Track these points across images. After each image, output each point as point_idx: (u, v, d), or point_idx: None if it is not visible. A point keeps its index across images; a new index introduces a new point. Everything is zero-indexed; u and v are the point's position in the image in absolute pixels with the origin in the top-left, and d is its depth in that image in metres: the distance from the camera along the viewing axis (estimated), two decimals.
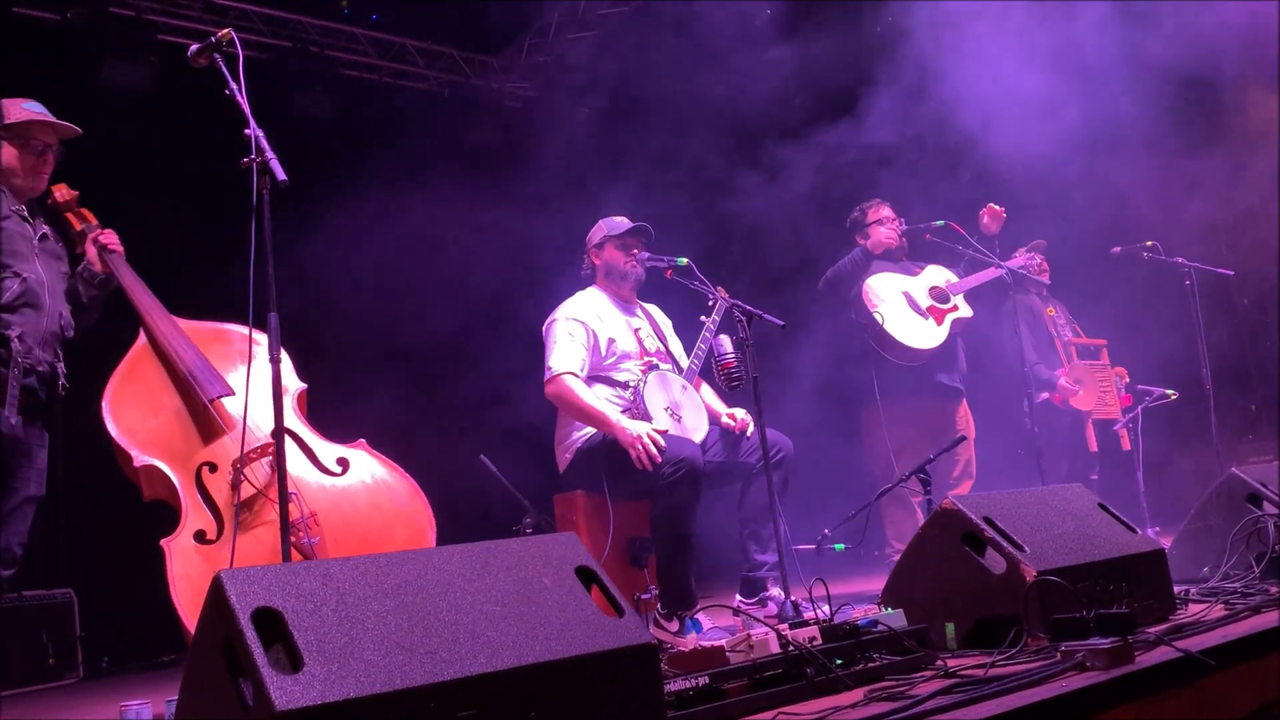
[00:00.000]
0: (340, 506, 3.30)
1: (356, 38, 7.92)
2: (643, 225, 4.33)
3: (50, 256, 3.45)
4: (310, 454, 3.39)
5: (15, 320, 3.22)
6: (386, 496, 3.36)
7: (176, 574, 3.05)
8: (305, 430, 3.45)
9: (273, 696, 1.46)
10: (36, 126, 3.38)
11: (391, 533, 3.28)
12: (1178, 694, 2.12)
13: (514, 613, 1.79)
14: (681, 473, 3.77)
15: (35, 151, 3.39)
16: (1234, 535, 3.36)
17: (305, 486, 3.29)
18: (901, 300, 5.20)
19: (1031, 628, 2.42)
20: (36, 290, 3.28)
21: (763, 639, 2.25)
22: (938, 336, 5.18)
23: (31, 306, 3.26)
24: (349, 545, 3.21)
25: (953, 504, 2.69)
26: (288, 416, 3.25)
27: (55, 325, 3.35)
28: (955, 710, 1.89)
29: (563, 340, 4.13)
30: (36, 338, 3.26)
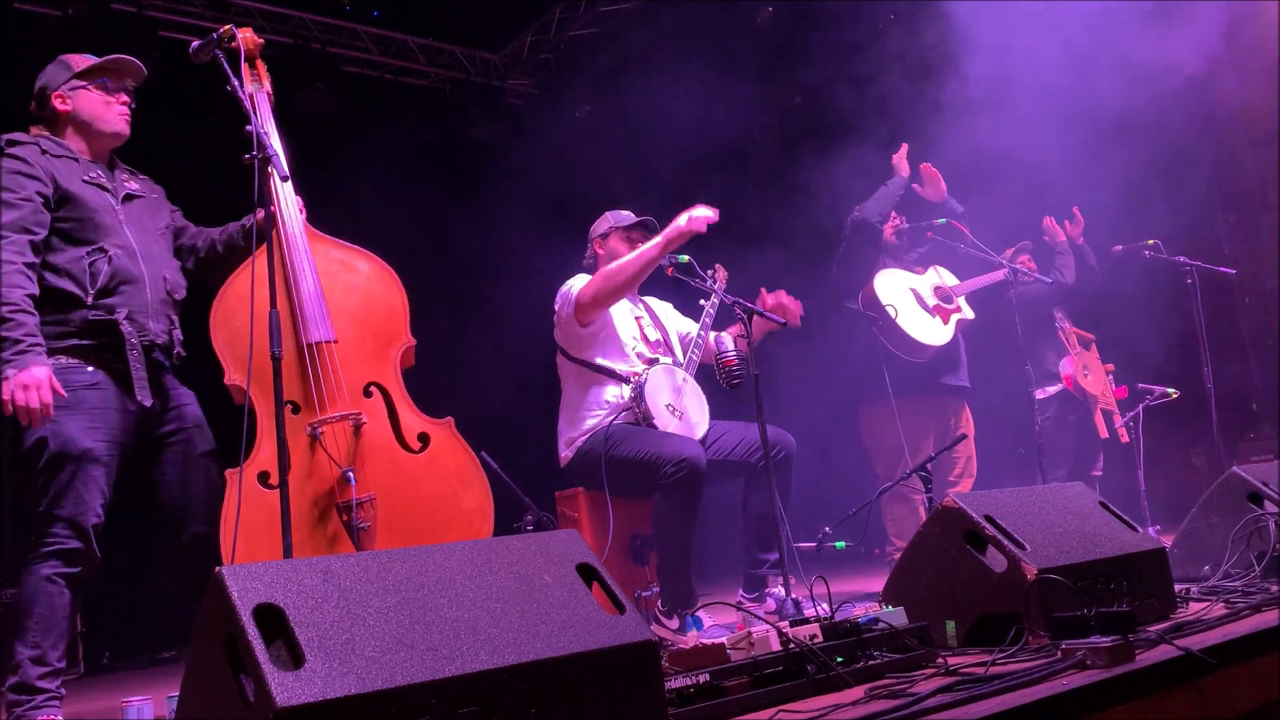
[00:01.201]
0: (405, 490, 3.11)
1: (358, 34, 7.92)
2: (648, 219, 4.34)
3: (140, 216, 3.19)
4: (395, 422, 3.18)
5: (117, 302, 3.02)
6: (453, 489, 3.16)
7: (231, 510, 2.90)
8: (398, 393, 3.22)
9: (274, 693, 1.46)
10: (119, 63, 3.21)
11: (446, 528, 3.09)
12: (1178, 693, 2.12)
13: (515, 609, 1.79)
14: (683, 472, 3.77)
15: (113, 91, 3.21)
16: (1235, 534, 3.36)
17: (376, 461, 3.09)
18: (910, 297, 5.21)
19: (1032, 626, 2.42)
20: (127, 264, 3.06)
21: (763, 636, 2.25)
22: (945, 334, 5.20)
23: (129, 282, 3.05)
24: (400, 534, 3.05)
25: (954, 502, 2.69)
26: (386, 369, 3.21)
27: (160, 292, 3.13)
28: (956, 708, 1.89)
29: (576, 282, 4.13)
30: (145, 311, 3.07)
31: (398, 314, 3.33)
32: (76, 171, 3.09)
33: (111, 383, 3.02)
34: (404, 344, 3.32)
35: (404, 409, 3.23)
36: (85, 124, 3.18)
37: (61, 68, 3.19)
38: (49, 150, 3.07)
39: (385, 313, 3.32)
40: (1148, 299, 6.40)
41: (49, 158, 3.05)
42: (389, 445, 3.18)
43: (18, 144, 3.05)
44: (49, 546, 2.87)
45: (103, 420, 2.97)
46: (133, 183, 3.28)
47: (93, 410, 2.95)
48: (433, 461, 3.18)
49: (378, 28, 8.01)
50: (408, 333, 3.33)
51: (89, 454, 2.92)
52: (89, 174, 3.12)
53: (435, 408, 3.58)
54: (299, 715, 1.46)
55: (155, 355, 3.11)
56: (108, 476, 2.97)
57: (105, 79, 3.19)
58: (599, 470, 3.95)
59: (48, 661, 2.83)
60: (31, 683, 2.80)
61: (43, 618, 2.83)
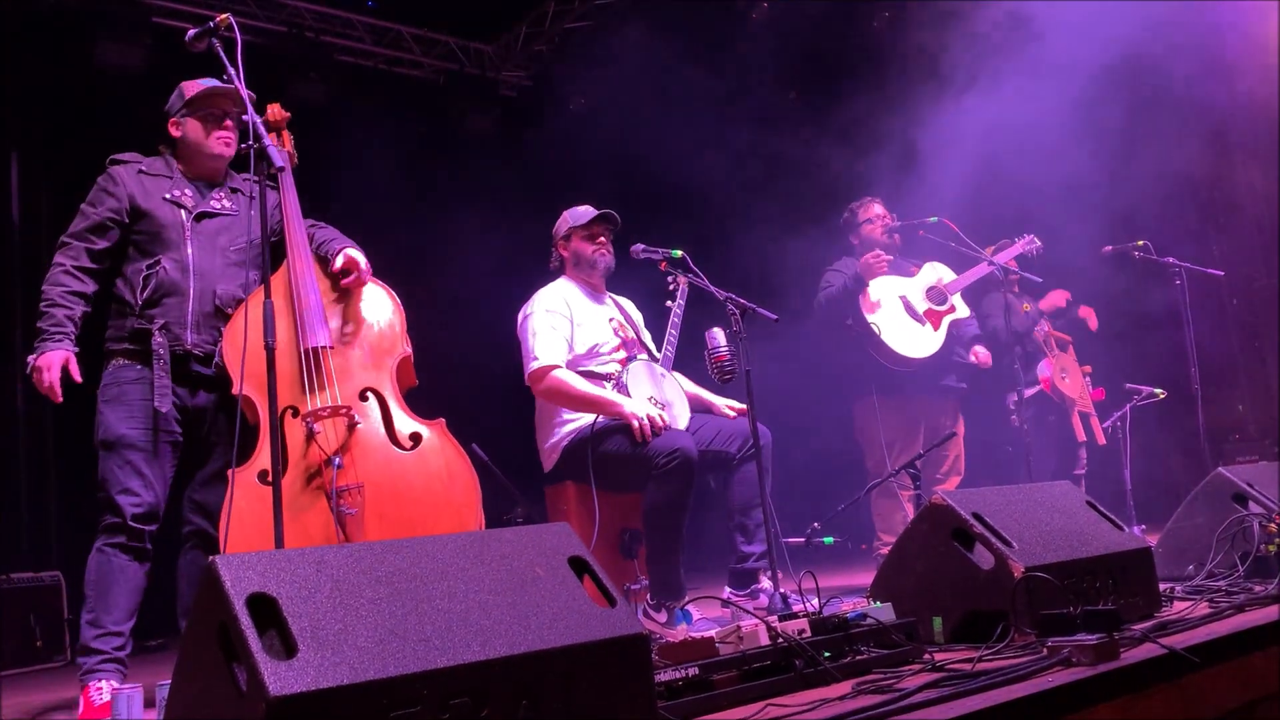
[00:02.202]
0: (395, 483, 3.27)
1: (352, 24, 7.89)
2: (608, 212, 4.31)
3: (214, 234, 3.45)
4: (389, 422, 3.37)
5: (157, 313, 3.30)
6: (442, 484, 3.32)
7: (232, 505, 3.08)
8: (393, 398, 3.42)
9: (267, 682, 1.47)
10: (213, 95, 3.45)
11: (435, 521, 3.23)
12: (1162, 690, 2.14)
13: (507, 601, 1.80)
14: (676, 463, 3.78)
15: (216, 119, 3.46)
16: (1219, 534, 3.39)
17: (367, 454, 3.27)
18: (898, 306, 5.20)
19: (1019, 623, 2.44)
20: (176, 278, 3.33)
21: (752, 631, 2.27)
22: (934, 343, 5.18)
23: (174, 295, 3.32)
24: (388, 524, 3.19)
25: (942, 499, 2.71)
26: (382, 377, 3.43)
27: (209, 305, 3.37)
28: (942, 704, 1.91)
29: (544, 332, 4.10)
30: (185, 323, 3.33)
31: (395, 328, 3.56)
32: (164, 188, 3.42)
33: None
34: (400, 354, 3.53)
35: (398, 412, 3.42)
36: (191, 147, 3.50)
37: (177, 96, 3.52)
38: (147, 169, 3.44)
39: (383, 327, 3.55)
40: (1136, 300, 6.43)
41: (141, 176, 3.42)
42: (380, 442, 3.35)
43: (118, 163, 3.44)
44: (101, 524, 3.22)
45: (142, 411, 3.26)
46: (225, 201, 3.54)
47: (134, 402, 3.26)
48: (423, 458, 3.35)
49: (372, 17, 7.98)
50: (403, 344, 3.54)
51: (123, 439, 3.23)
52: (173, 192, 3.43)
53: (427, 401, 3.61)
54: (292, 704, 1.47)
55: (194, 366, 3.36)
56: (147, 461, 3.25)
57: (210, 109, 3.48)
58: (586, 466, 3.95)
59: (101, 624, 3.15)
60: (89, 644, 3.14)
61: (96, 584, 3.17)
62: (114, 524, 3.20)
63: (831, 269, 5.37)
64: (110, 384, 3.30)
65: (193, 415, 3.38)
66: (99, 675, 3.10)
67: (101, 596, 3.16)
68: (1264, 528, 3.27)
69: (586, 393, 3.98)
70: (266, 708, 1.45)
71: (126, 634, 3.21)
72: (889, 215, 5.41)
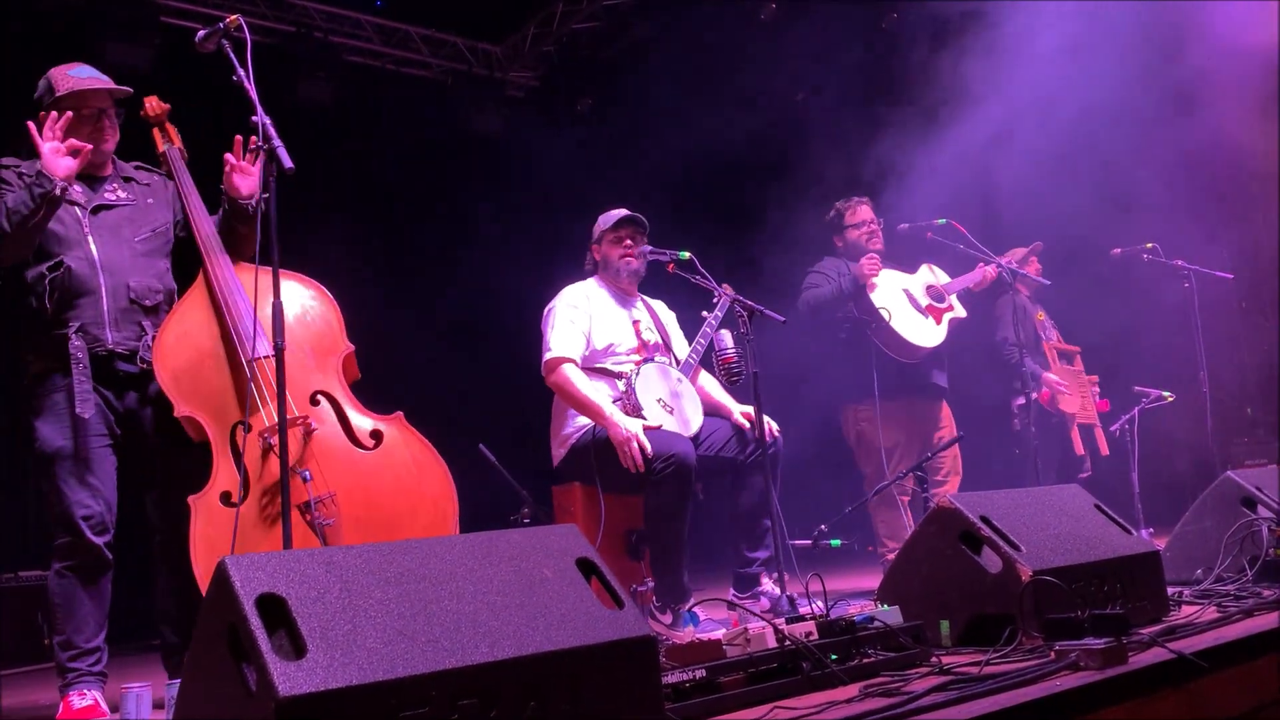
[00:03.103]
0: (365, 485, 3.19)
1: (360, 24, 7.90)
2: (634, 216, 4.31)
3: (116, 225, 3.27)
4: (346, 423, 3.27)
5: (71, 315, 3.15)
6: (413, 478, 3.23)
7: (198, 533, 3.00)
8: (344, 397, 3.31)
9: (276, 682, 1.47)
10: (86, 94, 3.24)
11: (413, 518, 3.16)
12: (1170, 695, 2.14)
13: (515, 603, 1.80)
14: (671, 468, 3.78)
15: (91, 120, 3.26)
16: (1228, 538, 3.38)
17: (332, 461, 3.17)
18: (903, 298, 5.21)
19: (1026, 627, 2.43)
20: (84, 276, 3.16)
21: (759, 633, 2.27)
22: (939, 335, 5.20)
23: (85, 294, 3.16)
24: (366, 528, 3.12)
25: (950, 502, 2.70)
26: (330, 378, 3.31)
27: (123, 300, 3.21)
28: (949, 707, 1.90)
29: (562, 325, 4.12)
30: (103, 322, 3.17)
31: (333, 326, 3.43)
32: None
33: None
34: (343, 352, 3.41)
35: (352, 411, 3.31)
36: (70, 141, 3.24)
37: (46, 86, 3.27)
38: (26, 171, 3.16)
39: (321, 326, 3.44)
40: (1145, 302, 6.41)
41: (23, 177, 3.14)
42: (342, 446, 3.24)
43: (3, 167, 3.20)
44: (55, 543, 3.14)
45: (72, 420, 3.12)
46: (119, 192, 3.36)
47: (62, 413, 3.13)
48: (388, 455, 3.25)
49: (380, 18, 7.99)
50: (345, 341, 3.42)
51: (61, 452, 3.11)
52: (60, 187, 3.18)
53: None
54: (301, 705, 1.47)
55: (117, 365, 3.21)
56: (88, 469, 3.12)
57: (80, 108, 3.23)
58: (591, 465, 3.96)
59: (75, 645, 3.09)
60: (63, 664, 3.09)
61: (60, 608, 3.10)
62: (67, 544, 3.09)
63: (814, 270, 5.34)
64: (37, 396, 3.15)
65: (125, 416, 3.25)
66: (78, 687, 3.06)
67: (69, 618, 3.09)
68: (1273, 532, 3.26)
69: (585, 397, 3.98)
70: (276, 708, 1.45)
71: (101, 645, 3.16)
72: (876, 220, 5.38)
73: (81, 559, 3.09)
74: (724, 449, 4.14)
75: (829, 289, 5.15)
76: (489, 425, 5.29)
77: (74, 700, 3.02)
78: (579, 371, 4.05)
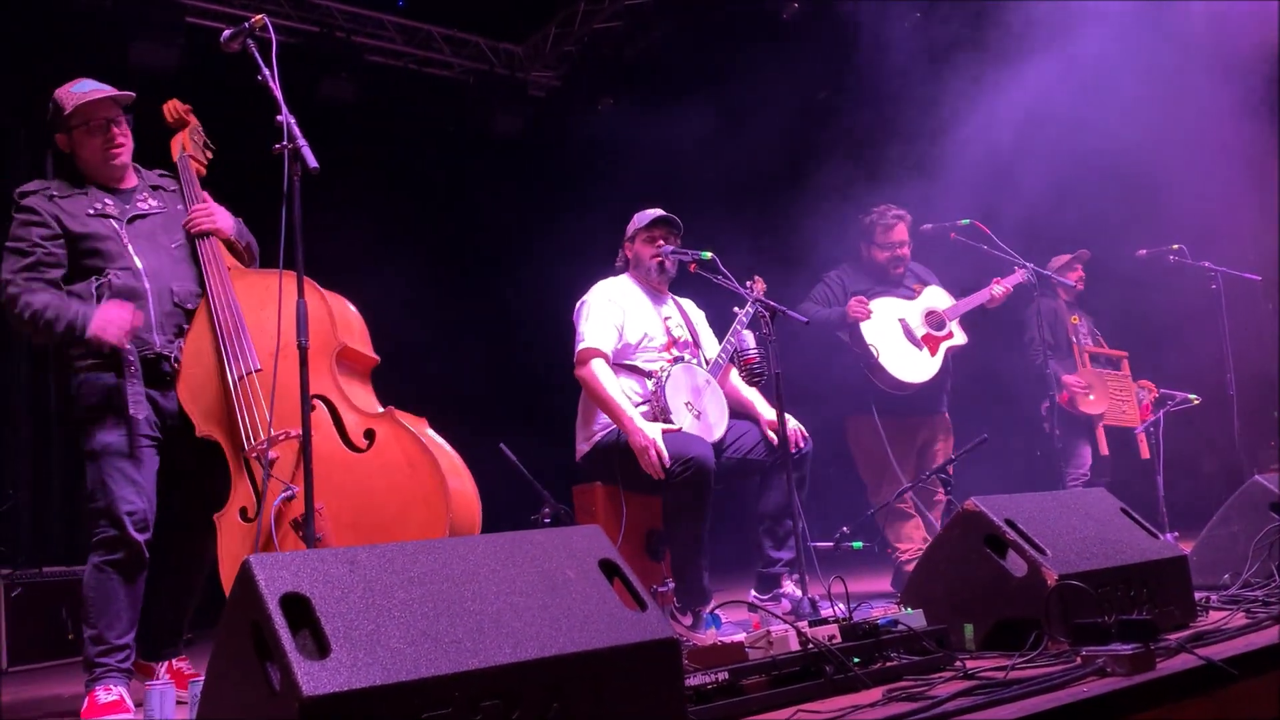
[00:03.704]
0: (358, 490, 3.12)
1: (383, 24, 7.93)
2: (668, 216, 4.33)
3: (152, 233, 3.37)
4: (340, 425, 3.22)
5: None
6: (404, 477, 3.12)
7: (224, 551, 3.10)
8: (339, 398, 3.24)
9: (300, 682, 1.48)
10: (91, 106, 3.31)
11: (405, 519, 3.08)
12: (1198, 702, 2.11)
13: (538, 604, 1.80)
14: (690, 472, 3.78)
15: (101, 130, 3.34)
16: (1256, 543, 3.35)
17: (323, 471, 3.05)
18: (897, 330, 5.15)
19: (1052, 631, 2.41)
20: (130, 284, 3.25)
21: (782, 636, 2.26)
22: (930, 369, 5.12)
23: (133, 300, 3.23)
24: (358, 534, 3.07)
25: (975, 505, 2.68)
26: (324, 379, 3.23)
27: (168, 304, 3.32)
28: (975, 712, 1.89)
29: (596, 318, 4.15)
30: (150, 325, 3.27)
31: (323, 323, 3.30)
32: (83, 206, 3.31)
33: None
34: (335, 348, 3.31)
35: (347, 413, 3.24)
36: (86, 160, 3.38)
37: (55, 108, 3.35)
38: (57, 192, 3.30)
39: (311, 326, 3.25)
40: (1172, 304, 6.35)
41: (56, 200, 3.28)
42: (334, 452, 3.17)
43: (28, 194, 3.30)
44: (95, 537, 3.17)
45: (123, 418, 3.19)
46: (150, 200, 3.45)
47: (114, 410, 3.20)
48: (380, 454, 3.18)
49: (402, 18, 8.01)
50: (337, 336, 3.32)
51: (109, 448, 3.17)
52: (95, 205, 3.32)
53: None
54: (325, 704, 1.47)
55: (163, 366, 3.29)
56: (135, 467, 3.19)
57: (89, 121, 3.32)
58: (614, 465, 3.97)
59: (105, 640, 3.12)
60: (91, 659, 3.12)
61: (95, 602, 3.13)
62: (111, 538, 3.14)
63: (823, 279, 5.33)
64: (84, 394, 3.21)
65: (167, 415, 3.31)
66: (104, 682, 3.10)
67: (103, 613, 3.13)
68: None
69: (610, 396, 3.99)
70: (300, 707, 1.46)
71: (131, 643, 3.20)
72: (907, 243, 5.29)
73: (123, 555, 3.14)
74: (752, 452, 4.15)
75: (820, 315, 5.12)
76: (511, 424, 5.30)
77: (100, 695, 3.05)
78: (608, 369, 4.07)
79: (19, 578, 5.11)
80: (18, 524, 5.95)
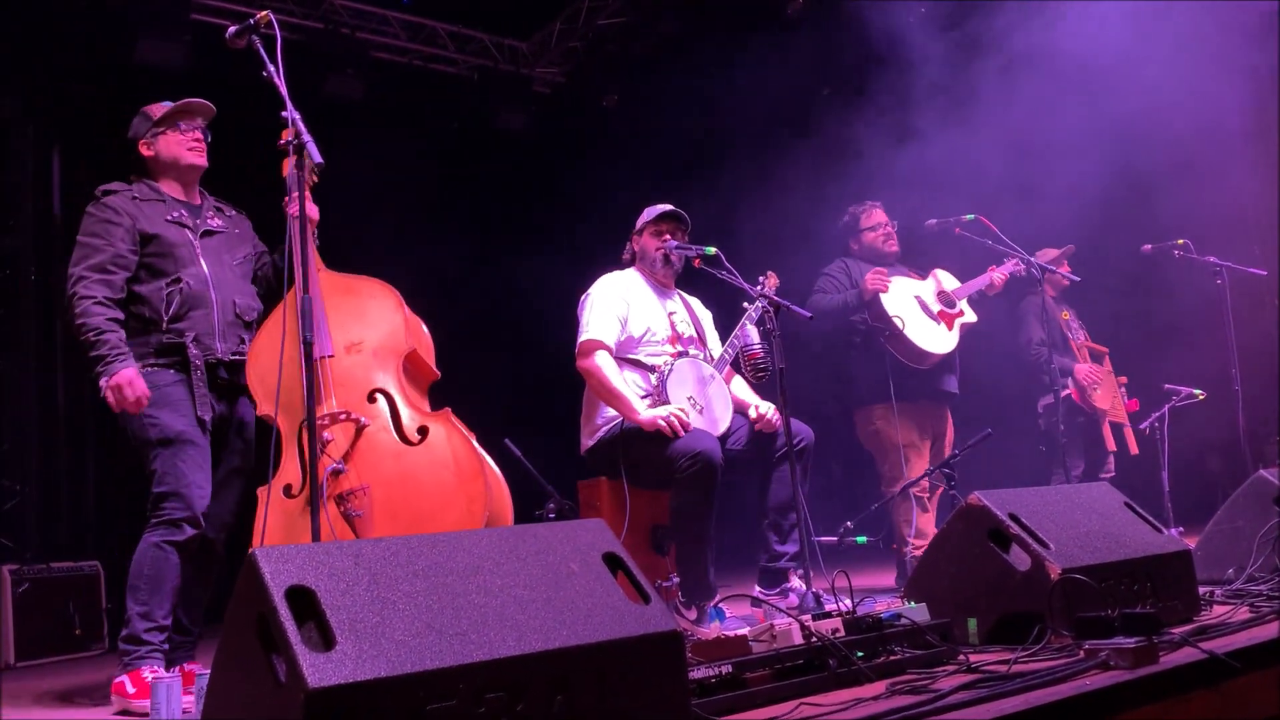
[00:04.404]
0: (404, 478, 3.29)
1: (388, 20, 7.92)
2: (676, 211, 4.34)
3: (218, 249, 3.58)
4: (396, 418, 3.39)
5: (185, 326, 3.41)
6: (449, 474, 3.31)
7: (261, 523, 3.18)
8: (400, 395, 3.44)
9: (305, 674, 1.49)
10: (185, 106, 3.55)
11: (443, 513, 3.24)
12: (1201, 696, 2.12)
13: (542, 597, 1.81)
14: (697, 466, 3.78)
15: (188, 130, 3.56)
16: (1260, 537, 3.35)
17: (373, 456, 3.30)
18: (915, 305, 5.19)
19: (1055, 625, 2.42)
20: (199, 291, 3.44)
21: (786, 629, 2.26)
22: (950, 341, 5.18)
23: (198, 308, 3.43)
24: (397, 519, 3.23)
25: (979, 500, 2.69)
26: (389, 377, 3.45)
27: (230, 315, 3.51)
28: (978, 705, 1.90)
29: (599, 310, 4.16)
30: (213, 334, 3.45)
31: (397, 325, 3.55)
32: (161, 212, 3.50)
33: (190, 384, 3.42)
34: (404, 350, 3.53)
35: (405, 408, 3.43)
36: (167, 164, 3.57)
37: (143, 119, 3.59)
38: (139, 196, 3.50)
39: (386, 328, 3.56)
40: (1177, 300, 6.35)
41: (137, 203, 3.47)
42: (388, 440, 3.38)
43: (111, 193, 3.48)
44: (159, 518, 3.27)
45: (189, 410, 3.38)
46: (216, 219, 3.66)
47: (180, 401, 3.37)
48: (430, 451, 3.35)
49: (407, 14, 8.01)
50: (407, 340, 3.54)
51: (182, 435, 3.32)
52: (172, 214, 3.52)
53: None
54: (330, 696, 1.48)
55: (221, 373, 3.48)
56: (202, 455, 3.37)
57: (179, 121, 3.57)
58: (618, 460, 3.97)
59: (154, 618, 3.22)
60: (139, 635, 3.20)
61: (150, 579, 3.22)
62: (180, 519, 3.25)
63: (824, 273, 5.35)
64: (156, 385, 3.33)
65: (217, 419, 3.48)
66: (149, 662, 3.17)
67: (155, 591, 3.21)
68: None
69: (614, 387, 4.01)
70: (305, 699, 1.47)
71: (169, 626, 3.30)
72: (890, 223, 5.39)
73: (188, 537, 3.25)
74: (750, 443, 4.14)
75: (835, 300, 5.17)
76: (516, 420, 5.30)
77: (146, 674, 3.11)
78: (611, 361, 4.08)
79: (26, 573, 5.13)
80: (25, 519, 5.97)
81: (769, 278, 4.39)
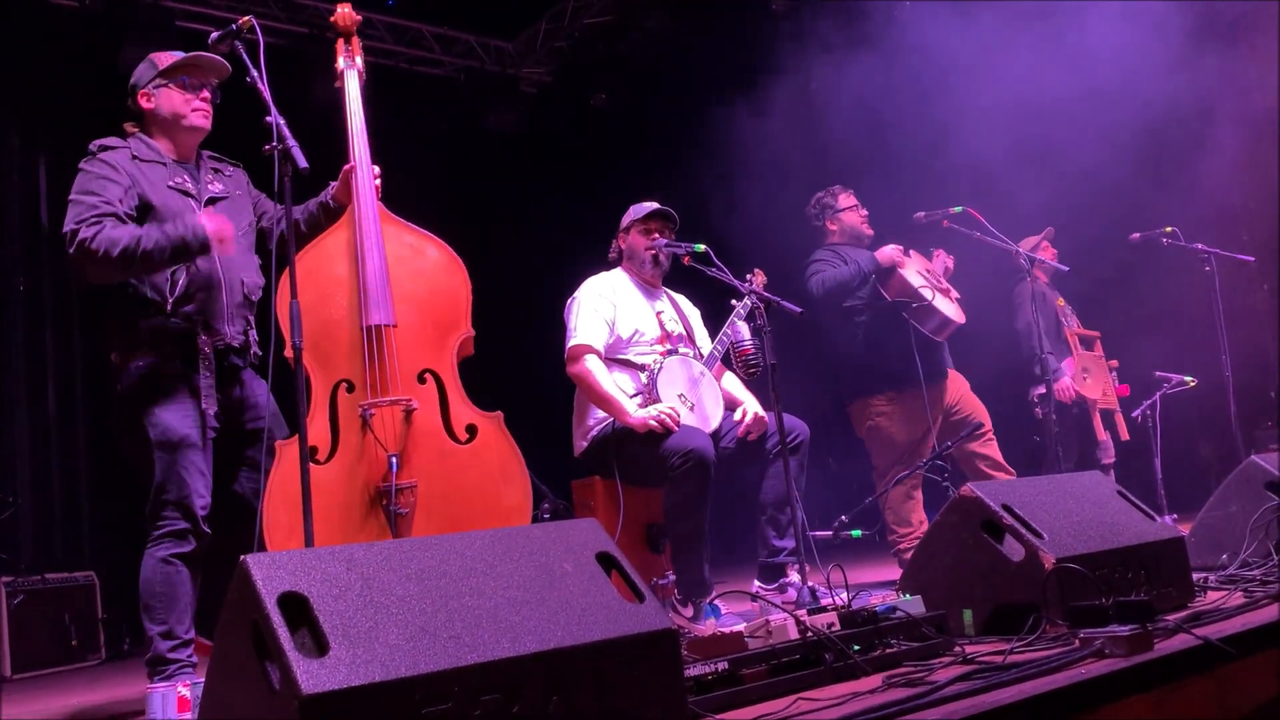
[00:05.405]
0: (448, 480, 3.12)
1: (373, 23, 7.91)
2: (664, 209, 4.33)
3: (223, 219, 3.20)
4: (445, 411, 3.21)
5: (192, 309, 3.15)
6: (494, 483, 3.14)
7: (276, 479, 3.03)
8: (451, 382, 3.22)
9: (299, 680, 1.48)
10: (195, 59, 3.24)
11: (484, 521, 3.07)
12: (1197, 681, 2.12)
13: (536, 598, 1.80)
14: (690, 464, 3.78)
15: (193, 89, 3.27)
16: (1253, 522, 3.35)
17: (422, 450, 3.12)
18: (925, 279, 5.20)
19: (1050, 615, 2.42)
20: (207, 269, 3.16)
21: (781, 625, 2.26)
22: (961, 312, 5.21)
23: (205, 289, 3.16)
24: (439, 522, 3.06)
25: (972, 491, 2.69)
26: (443, 357, 3.22)
27: (239, 296, 3.24)
28: (974, 696, 1.90)
29: (586, 314, 4.15)
30: (221, 316, 3.19)
31: (460, 304, 3.34)
32: (163, 177, 3.21)
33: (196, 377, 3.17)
34: (463, 334, 3.35)
35: (455, 399, 3.23)
36: (167, 121, 3.27)
37: (148, 66, 3.28)
38: (139, 155, 3.20)
39: (449, 301, 3.34)
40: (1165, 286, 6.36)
41: (138, 163, 3.17)
42: (437, 433, 3.19)
43: (109, 149, 3.18)
44: (161, 529, 3.07)
45: (194, 410, 3.13)
46: (217, 183, 3.37)
47: (184, 401, 3.13)
48: (477, 454, 3.18)
49: (392, 16, 8.00)
50: (468, 323, 3.35)
51: (185, 440, 3.09)
52: (174, 179, 3.23)
53: None
54: (324, 702, 1.48)
55: (230, 359, 3.24)
56: (206, 460, 3.14)
57: (186, 76, 3.27)
58: (611, 459, 3.97)
59: (176, 635, 3.05)
60: (164, 655, 3.02)
61: (164, 596, 3.04)
62: (183, 530, 3.07)
63: (815, 259, 5.27)
64: (152, 386, 3.11)
65: (227, 407, 3.25)
66: (181, 678, 3.01)
67: (171, 606, 3.04)
68: None
69: (604, 390, 4.00)
70: (299, 705, 1.46)
71: (192, 639, 3.15)
72: (860, 205, 5.37)
73: (193, 547, 3.08)
74: (743, 440, 4.14)
75: (848, 269, 5.05)
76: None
77: (185, 692, 2.94)
78: (600, 364, 4.07)
79: (21, 585, 5.11)
80: (19, 531, 5.96)
81: (756, 274, 4.39)
